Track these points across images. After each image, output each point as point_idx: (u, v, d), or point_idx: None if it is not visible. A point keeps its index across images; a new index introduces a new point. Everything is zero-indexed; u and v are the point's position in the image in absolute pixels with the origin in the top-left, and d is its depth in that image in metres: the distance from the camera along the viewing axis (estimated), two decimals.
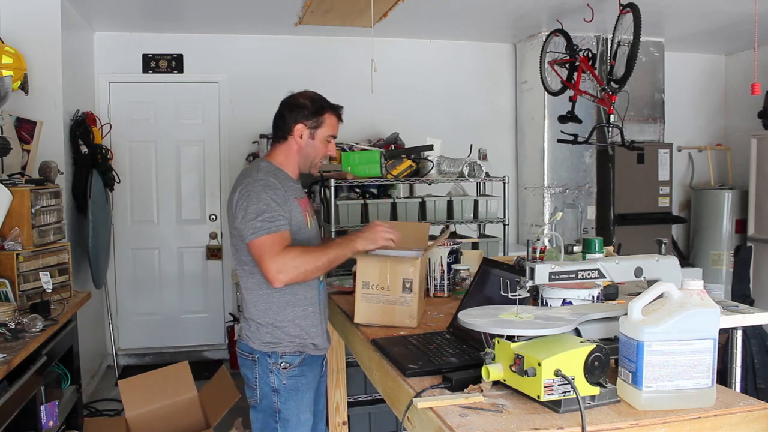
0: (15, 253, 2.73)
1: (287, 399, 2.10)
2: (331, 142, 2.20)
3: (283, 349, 2.09)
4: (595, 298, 1.76)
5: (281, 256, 1.94)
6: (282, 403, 2.10)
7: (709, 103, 6.34)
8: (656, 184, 5.52)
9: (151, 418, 3.49)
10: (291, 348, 2.10)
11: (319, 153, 2.18)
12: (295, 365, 2.10)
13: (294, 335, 2.10)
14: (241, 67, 5.23)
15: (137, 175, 5.28)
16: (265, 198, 2.01)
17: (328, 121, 2.17)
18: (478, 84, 5.80)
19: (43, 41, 3.87)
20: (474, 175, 4.07)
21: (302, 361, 2.12)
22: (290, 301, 2.10)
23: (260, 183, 2.03)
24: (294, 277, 1.96)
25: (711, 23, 5.09)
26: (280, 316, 2.09)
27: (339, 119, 2.21)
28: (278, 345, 2.09)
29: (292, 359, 2.10)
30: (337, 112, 2.21)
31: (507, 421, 1.26)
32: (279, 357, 2.09)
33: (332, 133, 2.20)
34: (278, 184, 2.06)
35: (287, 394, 2.09)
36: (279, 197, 2.03)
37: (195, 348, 5.33)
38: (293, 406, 2.10)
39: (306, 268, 1.97)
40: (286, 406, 2.10)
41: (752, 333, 3.50)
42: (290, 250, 1.97)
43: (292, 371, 2.10)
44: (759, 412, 1.32)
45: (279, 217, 2.00)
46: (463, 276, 2.53)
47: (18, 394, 2.24)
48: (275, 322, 2.09)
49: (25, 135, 3.53)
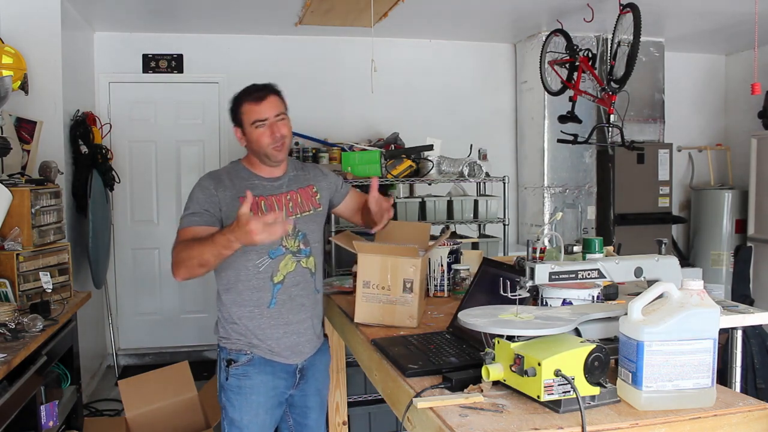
0: (15, 253, 2.73)
1: (230, 397, 2.10)
2: (261, 126, 2.05)
3: (230, 346, 2.11)
4: (595, 298, 1.76)
5: (174, 251, 1.96)
6: (226, 400, 2.11)
7: (709, 103, 6.34)
8: (656, 184, 5.52)
9: (151, 418, 3.49)
10: (237, 345, 2.10)
11: (259, 143, 2.06)
12: (239, 364, 2.09)
13: (240, 333, 2.10)
14: (241, 67, 5.23)
15: (137, 175, 5.28)
16: (192, 195, 2.07)
17: (245, 109, 2.07)
18: (478, 84, 5.80)
19: (43, 41, 3.86)
20: (474, 175, 4.07)
21: (249, 361, 2.09)
22: (236, 300, 2.10)
23: (197, 183, 2.12)
24: (184, 274, 1.92)
25: (711, 23, 5.09)
26: (226, 313, 2.12)
27: (256, 101, 2.06)
28: (227, 341, 2.12)
29: (237, 356, 2.10)
30: (250, 96, 2.07)
31: (507, 421, 1.26)
32: (227, 353, 2.11)
33: (255, 117, 2.05)
34: (211, 183, 2.08)
35: (230, 392, 2.10)
36: (206, 195, 2.05)
37: (195, 348, 5.32)
38: (237, 405, 2.09)
39: (192, 263, 1.89)
40: (230, 404, 2.10)
41: (752, 333, 3.50)
42: (179, 245, 1.96)
43: (235, 369, 2.09)
44: (759, 412, 1.32)
45: (195, 213, 2.02)
46: (463, 276, 2.52)
47: (18, 394, 2.24)
48: (227, 317, 2.12)
49: (25, 135, 3.53)
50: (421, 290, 2.08)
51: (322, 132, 5.32)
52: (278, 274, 2.10)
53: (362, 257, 2.08)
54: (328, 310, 2.64)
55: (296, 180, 2.22)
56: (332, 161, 5.15)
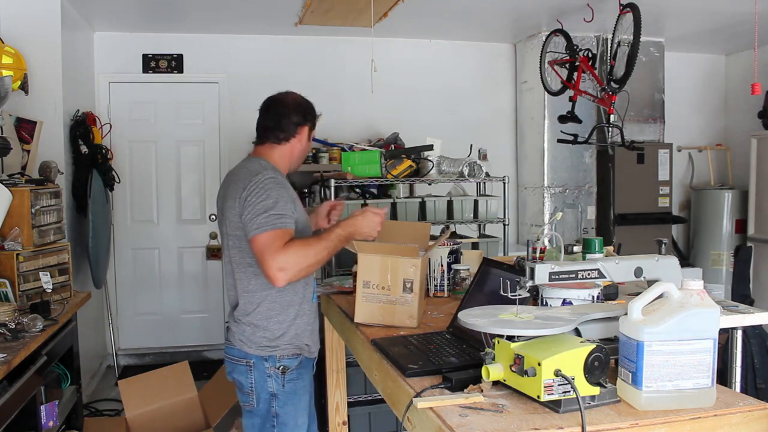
0: (15, 253, 2.73)
1: (285, 403, 2.08)
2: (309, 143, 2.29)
3: (280, 353, 2.07)
4: (595, 298, 1.76)
5: (283, 253, 1.90)
6: (280, 408, 2.08)
7: (709, 103, 6.34)
8: (656, 184, 5.52)
9: (151, 418, 3.49)
10: (288, 351, 2.08)
11: (304, 153, 2.26)
12: (293, 368, 2.09)
13: (291, 336, 2.09)
14: (241, 67, 5.23)
15: (137, 175, 5.28)
16: (275, 195, 1.99)
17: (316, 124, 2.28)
18: (478, 84, 5.80)
19: (43, 41, 3.87)
20: (474, 175, 4.07)
21: (300, 363, 2.11)
22: (293, 300, 2.09)
23: (272, 180, 2.01)
24: (296, 274, 1.93)
25: (711, 23, 5.09)
26: (281, 317, 2.07)
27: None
28: (276, 349, 2.07)
29: (290, 362, 2.08)
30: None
31: (507, 421, 1.26)
32: (277, 360, 2.07)
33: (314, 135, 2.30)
34: (287, 182, 2.09)
35: (285, 398, 2.08)
36: (289, 195, 2.03)
37: (195, 348, 5.33)
38: (291, 410, 2.09)
39: (308, 262, 1.94)
40: (284, 410, 2.08)
41: (752, 333, 3.50)
42: (291, 245, 1.92)
43: (291, 375, 2.09)
44: (759, 412, 1.32)
45: (286, 214, 1.98)
46: (463, 276, 2.52)
47: (18, 394, 2.24)
48: (275, 325, 2.07)
49: (25, 135, 3.53)
50: (421, 290, 2.08)
51: (322, 132, 5.31)
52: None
53: (362, 257, 2.08)
54: (328, 310, 2.65)
55: None
56: (332, 161, 5.15)
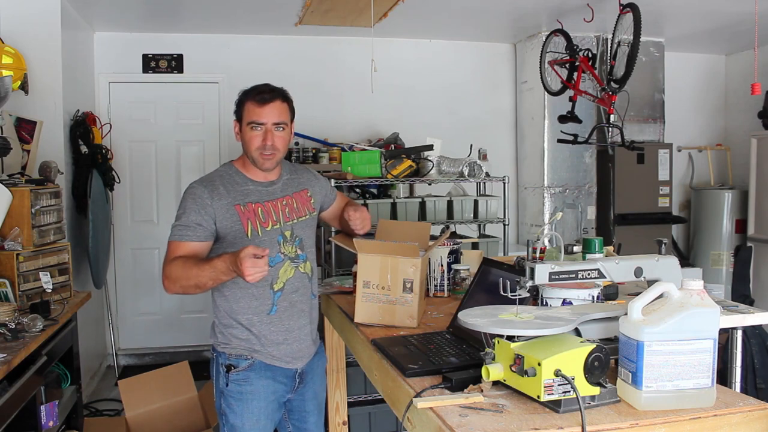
0: (15, 253, 2.73)
1: (230, 403, 2.07)
2: (256, 129, 2.01)
3: (230, 351, 2.07)
4: (595, 298, 1.76)
5: (168, 266, 1.93)
6: (226, 406, 2.07)
7: (709, 103, 6.34)
8: (656, 184, 5.52)
9: (151, 418, 3.49)
10: (237, 351, 2.06)
11: (249, 145, 2.02)
12: (240, 369, 2.06)
13: (241, 338, 2.07)
14: (241, 67, 5.23)
15: (137, 175, 5.28)
16: (183, 206, 2.01)
17: (247, 107, 2.03)
18: (478, 84, 5.80)
19: (43, 41, 3.87)
20: (474, 175, 4.07)
21: (249, 366, 2.06)
22: (233, 307, 2.07)
23: (189, 190, 2.04)
24: (180, 289, 1.92)
25: (711, 23, 5.09)
26: (225, 318, 2.09)
27: (259, 102, 2.01)
28: (227, 346, 2.08)
29: (237, 362, 2.06)
30: (255, 95, 2.02)
31: (507, 421, 1.26)
32: (226, 358, 2.07)
33: (253, 119, 2.00)
34: (205, 192, 2.00)
35: (231, 398, 2.06)
36: (199, 206, 1.98)
37: (195, 348, 5.32)
38: (238, 411, 2.06)
39: (189, 282, 1.90)
40: (230, 410, 2.06)
41: (752, 333, 3.50)
42: (176, 261, 1.92)
43: (236, 375, 2.06)
44: (759, 412, 1.32)
45: (188, 226, 1.97)
46: (463, 276, 2.52)
47: (18, 394, 2.24)
48: (225, 322, 2.09)
49: (25, 135, 3.53)
50: (421, 290, 2.08)
51: (322, 132, 5.32)
52: (278, 281, 2.07)
53: (362, 257, 2.07)
54: (328, 310, 2.65)
55: (290, 184, 2.18)
56: (332, 161, 5.15)
